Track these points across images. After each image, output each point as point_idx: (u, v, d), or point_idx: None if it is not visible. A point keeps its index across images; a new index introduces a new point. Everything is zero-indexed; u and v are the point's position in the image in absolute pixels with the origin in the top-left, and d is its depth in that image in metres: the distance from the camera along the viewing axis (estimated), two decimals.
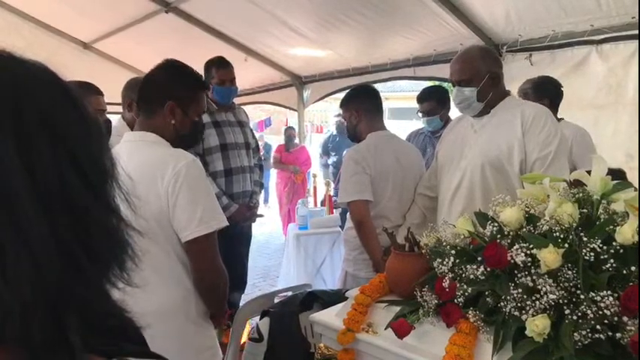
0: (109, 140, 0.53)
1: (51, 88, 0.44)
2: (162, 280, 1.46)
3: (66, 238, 0.40)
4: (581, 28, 3.39)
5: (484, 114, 1.99)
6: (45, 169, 0.39)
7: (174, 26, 4.79)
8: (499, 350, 1.14)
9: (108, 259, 0.45)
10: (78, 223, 0.41)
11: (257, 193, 3.17)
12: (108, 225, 0.45)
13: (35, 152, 0.39)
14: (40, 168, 0.39)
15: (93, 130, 0.46)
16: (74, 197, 0.41)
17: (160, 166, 1.45)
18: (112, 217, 0.46)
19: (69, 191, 0.41)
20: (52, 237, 0.38)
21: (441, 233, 1.41)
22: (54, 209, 0.39)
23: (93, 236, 0.42)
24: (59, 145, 0.41)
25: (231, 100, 3.06)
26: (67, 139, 0.42)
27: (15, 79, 0.41)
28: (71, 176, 0.41)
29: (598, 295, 1.00)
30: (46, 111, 0.42)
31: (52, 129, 0.41)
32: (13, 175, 0.37)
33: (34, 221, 0.38)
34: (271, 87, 6.05)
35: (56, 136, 0.41)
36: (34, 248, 0.37)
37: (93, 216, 0.43)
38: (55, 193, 0.39)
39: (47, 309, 0.38)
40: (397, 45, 4.42)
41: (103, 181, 0.45)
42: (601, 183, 1.12)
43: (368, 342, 1.37)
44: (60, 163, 0.41)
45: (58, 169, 0.40)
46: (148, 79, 1.64)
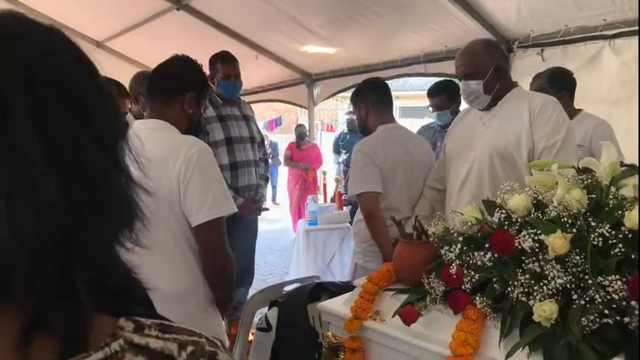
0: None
1: (65, 48, 0.45)
2: (172, 264, 1.48)
3: (75, 192, 0.40)
4: (594, 22, 3.35)
5: (492, 106, 1.99)
6: (56, 125, 0.40)
7: (185, 24, 4.82)
8: (506, 336, 1.14)
9: (116, 217, 0.45)
10: (87, 180, 0.42)
11: (262, 186, 3.19)
12: (117, 184, 0.45)
13: (47, 108, 0.40)
14: (51, 124, 0.40)
15: (105, 91, 0.47)
16: (84, 154, 0.42)
17: (172, 151, 1.48)
18: (122, 177, 0.46)
19: (79, 148, 0.42)
20: (61, 190, 0.39)
21: (448, 222, 1.41)
22: (64, 164, 0.40)
23: (102, 193, 0.43)
24: (71, 102, 0.42)
25: (236, 95, 3.08)
26: (79, 97, 0.43)
27: (29, 38, 0.42)
28: (82, 133, 0.42)
29: (606, 280, 1.00)
30: (60, 70, 0.43)
31: (65, 86, 0.42)
32: (24, 129, 0.39)
33: (43, 174, 0.39)
34: (282, 85, 6.06)
35: (69, 94, 0.42)
36: (43, 199, 0.38)
37: (102, 173, 0.43)
38: (65, 149, 0.41)
39: (55, 260, 0.39)
40: (408, 41, 4.40)
41: (114, 140, 0.46)
42: (610, 168, 1.11)
43: (375, 329, 1.38)
44: (71, 119, 0.42)
45: (70, 126, 0.41)
46: (165, 70, 1.68)
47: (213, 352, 0.48)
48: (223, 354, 0.48)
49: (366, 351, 1.43)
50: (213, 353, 0.48)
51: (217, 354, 0.48)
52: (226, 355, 0.49)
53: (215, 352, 0.48)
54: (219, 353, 0.48)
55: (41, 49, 0.42)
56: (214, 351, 0.48)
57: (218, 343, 0.49)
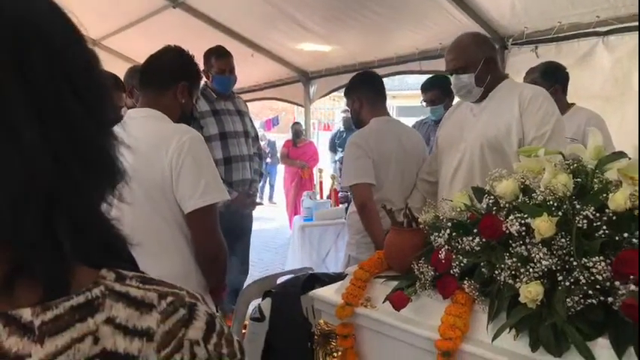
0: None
1: (51, 10, 0.46)
2: (164, 251, 1.50)
3: (56, 142, 0.42)
4: (587, 19, 3.38)
5: (483, 98, 2.01)
6: (39, 78, 0.42)
7: (181, 22, 4.83)
8: (494, 319, 1.15)
9: (97, 171, 0.47)
10: (68, 132, 0.43)
11: (256, 181, 3.20)
12: (98, 139, 0.47)
13: (30, 62, 0.42)
14: (34, 76, 0.42)
15: (90, 51, 0.48)
16: (66, 107, 0.43)
17: (165, 138, 1.49)
18: (103, 133, 0.48)
19: (61, 101, 0.43)
20: (43, 139, 0.41)
21: (439, 210, 1.43)
22: (45, 114, 0.42)
23: (83, 147, 0.45)
24: (54, 58, 0.44)
25: (230, 90, 3.09)
26: (63, 53, 0.45)
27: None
28: (64, 88, 0.44)
29: (590, 261, 1.01)
30: (45, 29, 0.44)
31: (49, 44, 0.44)
32: (7, 81, 0.40)
33: (24, 121, 0.40)
34: (278, 83, 6.07)
35: (52, 50, 0.44)
36: (25, 149, 0.40)
37: (84, 127, 0.45)
38: (47, 102, 0.42)
39: (37, 209, 0.41)
40: (403, 39, 4.42)
41: (97, 97, 0.48)
42: (595, 151, 1.13)
43: (366, 315, 1.39)
44: (54, 74, 0.43)
45: (52, 80, 0.43)
46: (158, 60, 1.69)
47: (192, 303, 0.49)
48: (202, 306, 0.50)
49: (357, 337, 1.44)
50: (193, 304, 0.49)
51: (197, 305, 0.49)
52: (205, 307, 0.50)
53: (195, 304, 0.49)
54: (199, 305, 0.49)
55: (27, 10, 0.44)
56: (194, 302, 0.49)
57: (198, 297, 0.51)
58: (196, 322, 0.48)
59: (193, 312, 0.48)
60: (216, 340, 0.49)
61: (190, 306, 0.48)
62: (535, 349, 1.06)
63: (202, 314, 0.49)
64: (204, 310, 0.50)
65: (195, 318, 0.48)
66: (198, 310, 0.49)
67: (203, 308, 0.49)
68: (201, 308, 0.49)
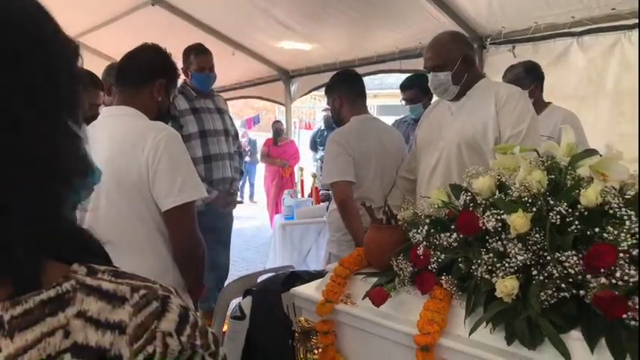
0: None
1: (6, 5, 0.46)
2: (141, 250, 1.48)
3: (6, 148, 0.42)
4: (562, 19, 3.45)
5: (460, 96, 2.03)
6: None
7: (160, 19, 4.78)
8: (471, 313, 1.17)
9: (51, 173, 0.46)
10: (15, 138, 0.43)
11: (237, 179, 3.19)
12: (52, 141, 0.46)
13: None
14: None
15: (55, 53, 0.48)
16: (12, 112, 0.43)
17: (141, 136, 1.48)
18: (60, 135, 0.47)
19: (7, 107, 0.42)
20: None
21: (417, 207, 1.44)
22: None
23: (33, 151, 0.44)
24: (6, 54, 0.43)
25: (210, 87, 3.07)
26: (17, 51, 0.44)
27: None
28: (13, 86, 0.43)
29: (563, 256, 1.04)
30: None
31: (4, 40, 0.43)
32: None
33: None
34: (258, 81, 6.06)
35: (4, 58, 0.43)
36: None
37: (33, 131, 0.44)
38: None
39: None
40: (383, 38, 4.45)
41: (56, 100, 0.47)
42: (567, 148, 1.15)
43: (346, 312, 1.40)
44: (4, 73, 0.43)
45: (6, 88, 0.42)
46: (135, 57, 1.68)
47: (165, 296, 0.49)
48: (176, 298, 0.50)
49: (338, 334, 1.45)
50: (166, 297, 0.49)
51: (170, 297, 0.50)
52: (179, 300, 0.50)
53: (167, 296, 0.50)
54: (172, 297, 0.50)
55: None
56: (167, 295, 0.50)
57: (172, 290, 0.51)
58: (169, 314, 0.48)
59: (166, 304, 0.49)
60: (190, 332, 0.49)
61: (163, 299, 0.49)
62: (510, 342, 1.08)
63: (175, 307, 0.49)
64: (178, 303, 0.50)
65: (167, 310, 0.49)
66: (171, 303, 0.49)
67: (176, 301, 0.50)
68: (174, 301, 0.50)
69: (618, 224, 1.03)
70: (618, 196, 1.07)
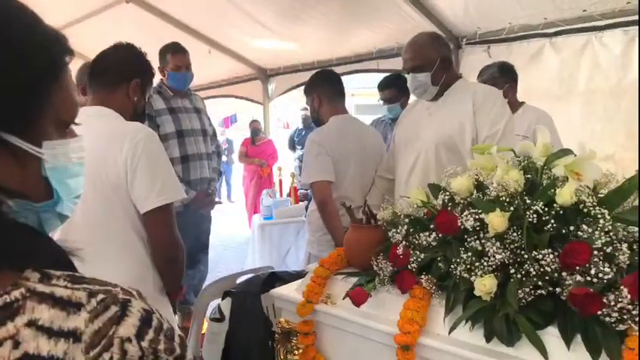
0: None
1: None
2: (120, 254, 1.46)
3: None
4: (535, 21, 3.52)
5: (438, 97, 2.05)
6: None
7: (135, 17, 4.71)
8: (450, 312, 1.18)
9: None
10: None
11: (215, 180, 3.17)
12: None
13: None
14: None
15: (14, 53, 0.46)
16: None
17: (118, 137, 1.45)
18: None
19: None
20: None
21: (396, 207, 1.45)
22: None
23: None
24: None
25: (187, 87, 3.04)
26: None
27: None
28: None
29: (540, 254, 1.06)
30: None
31: None
32: None
33: None
34: (235, 80, 6.02)
35: None
36: None
37: None
38: None
39: None
40: (361, 38, 4.47)
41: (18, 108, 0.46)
42: (543, 149, 1.18)
43: (326, 312, 1.40)
44: None
45: None
46: (109, 57, 1.64)
47: (126, 300, 0.48)
48: (137, 301, 0.49)
49: (318, 334, 1.45)
50: (126, 301, 0.48)
51: (130, 301, 0.48)
52: (140, 302, 0.49)
53: (128, 300, 0.48)
54: (133, 300, 0.48)
55: None
56: (127, 299, 0.48)
57: (134, 292, 0.50)
58: (129, 318, 0.47)
59: (126, 309, 0.47)
60: (153, 336, 0.48)
61: (123, 303, 0.48)
62: (489, 339, 1.10)
63: (136, 311, 0.48)
64: (140, 307, 0.49)
65: (127, 315, 0.47)
66: (132, 307, 0.48)
67: (138, 304, 0.48)
68: (135, 304, 0.48)
69: (592, 223, 1.05)
70: (592, 195, 1.10)
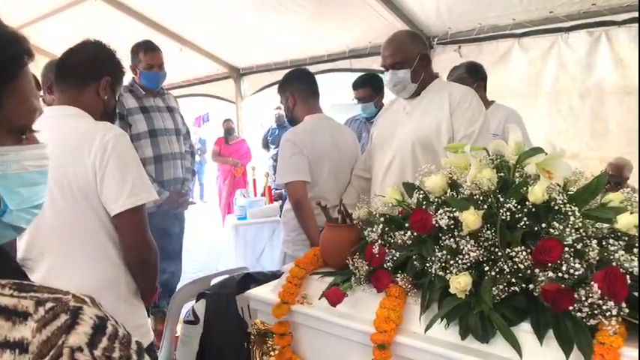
0: None
1: None
2: (90, 257, 1.42)
3: None
4: (504, 21, 3.59)
5: (415, 96, 2.07)
6: None
7: (103, 14, 4.60)
8: (426, 310, 1.19)
9: None
10: None
11: (189, 180, 3.13)
12: None
13: None
14: None
15: None
16: None
17: (86, 138, 1.41)
18: None
19: None
20: None
21: (372, 206, 1.45)
22: None
23: None
24: None
25: (159, 86, 2.99)
26: None
27: None
28: None
29: (513, 251, 1.07)
30: None
31: None
32: None
33: None
34: (207, 79, 5.95)
35: None
36: None
37: None
38: None
39: None
40: (334, 37, 4.48)
41: None
42: (515, 147, 1.19)
43: (302, 313, 1.40)
44: None
45: None
46: (77, 54, 1.59)
47: (77, 307, 0.46)
48: (90, 308, 0.47)
49: (295, 335, 1.44)
50: (78, 308, 0.46)
51: (82, 309, 0.47)
52: (94, 309, 0.47)
53: (80, 307, 0.46)
54: (85, 308, 0.47)
55: None
56: (79, 306, 0.47)
57: (86, 299, 0.48)
58: (80, 327, 0.46)
59: (77, 317, 0.46)
60: (107, 344, 0.46)
61: (74, 311, 0.46)
62: (464, 337, 1.11)
63: (88, 318, 0.46)
64: (92, 314, 0.47)
65: (78, 323, 0.46)
66: (84, 315, 0.46)
67: (90, 311, 0.47)
68: (87, 312, 0.47)
69: (563, 220, 1.07)
70: (562, 193, 1.12)
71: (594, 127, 3.45)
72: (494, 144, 1.32)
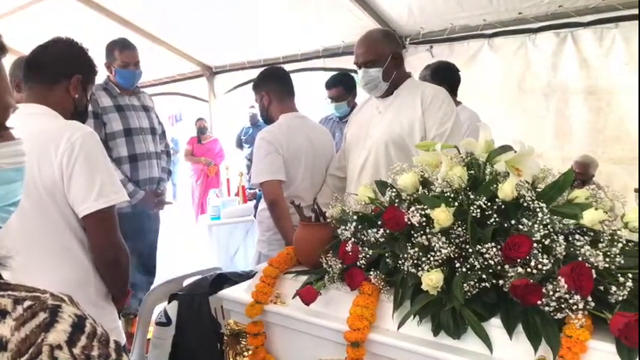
0: None
1: None
2: (56, 260, 1.38)
3: None
4: (475, 22, 3.66)
5: (388, 95, 2.08)
6: None
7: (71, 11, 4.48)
8: (399, 307, 1.20)
9: None
10: None
11: (164, 179, 3.08)
12: None
13: None
14: None
15: None
16: None
17: (53, 136, 1.37)
18: None
19: None
20: None
21: (345, 204, 1.46)
22: None
23: None
24: None
25: (135, 84, 2.94)
26: None
27: None
28: None
29: (484, 248, 1.09)
30: None
31: None
32: None
33: None
34: (180, 78, 5.87)
35: None
36: None
37: None
38: None
39: None
40: (307, 36, 4.47)
41: None
42: (485, 145, 1.21)
43: (276, 312, 1.39)
44: None
45: None
46: (47, 50, 1.55)
47: (56, 306, 0.46)
48: (68, 306, 0.47)
49: (268, 335, 1.44)
50: (56, 306, 0.46)
51: (61, 307, 0.47)
52: (72, 307, 0.47)
53: (58, 305, 0.46)
54: (64, 306, 0.47)
55: None
56: (57, 304, 0.47)
57: (65, 298, 0.48)
58: (59, 325, 0.45)
59: (56, 315, 0.46)
60: (86, 342, 0.46)
61: (53, 309, 0.46)
62: (437, 333, 1.12)
63: (67, 316, 0.46)
64: (71, 312, 0.47)
65: (57, 321, 0.46)
66: (62, 313, 0.46)
67: (69, 310, 0.47)
68: (66, 310, 0.46)
69: (532, 216, 1.10)
70: (531, 190, 1.14)
71: (558, 127, 3.54)
72: (465, 142, 1.34)
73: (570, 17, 3.32)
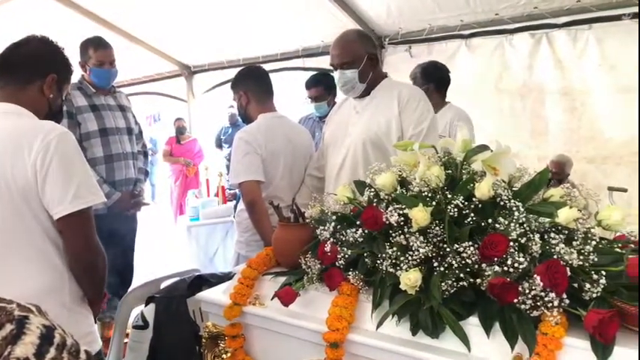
0: None
1: None
2: (30, 264, 1.34)
3: None
4: (452, 22, 3.69)
5: (365, 95, 2.08)
6: None
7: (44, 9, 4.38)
8: (377, 307, 1.20)
9: None
10: None
11: (142, 180, 3.02)
12: None
13: None
14: None
15: None
16: None
17: (27, 137, 1.32)
18: None
19: None
20: None
21: (324, 204, 1.45)
22: None
23: None
24: None
25: (110, 83, 2.89)
26: None
27: None
28: None
29: (461, 247, 1.10)
30: None
31: None
32: None
33: None
34: (158, 77, 5.79)
35: None
36: None
37: None
38: None
39: None
40: (287, 36, 4.46)
41: None
42: (463, 144, 1.22)
43: (255, 314, 1.38)
44: None
45: None
46: (21, 49, 1.50)
47: (23, 317, 0.45)
48: (36, 317, 0.46)
49: (247, 336, 1.43)
50: (23, 318, 0.45)
51: (28, 318, 0.45)
52: (40, 318, 0.46)
53: (26, 317, 0.45)
54: (31, 317, 0.45)
55: None
56: (25, 315, 0.45)
57: (32, 308, 0.47)
58: (26, 337, 0.44)
59: (23, 326, 0.45)
60: (55, 354, 0.45)
61: (19, 320, 0.44)
62: (415, 332, 1.12)
63: (35, 328, 0.45)
64: (39, 323, 0.45)
65: (25, 333, 0.44)
66: (30, 324, 0.45)
67: (37, 321, 0.45)
68: (34, 321, 0.45)
69: (508, 215, 1.11)
70: (507, 189, 1.16)
71: (534, 126, 3.60)
72: (442, 141, 1.35)
73: (545, 18, 3.38)
